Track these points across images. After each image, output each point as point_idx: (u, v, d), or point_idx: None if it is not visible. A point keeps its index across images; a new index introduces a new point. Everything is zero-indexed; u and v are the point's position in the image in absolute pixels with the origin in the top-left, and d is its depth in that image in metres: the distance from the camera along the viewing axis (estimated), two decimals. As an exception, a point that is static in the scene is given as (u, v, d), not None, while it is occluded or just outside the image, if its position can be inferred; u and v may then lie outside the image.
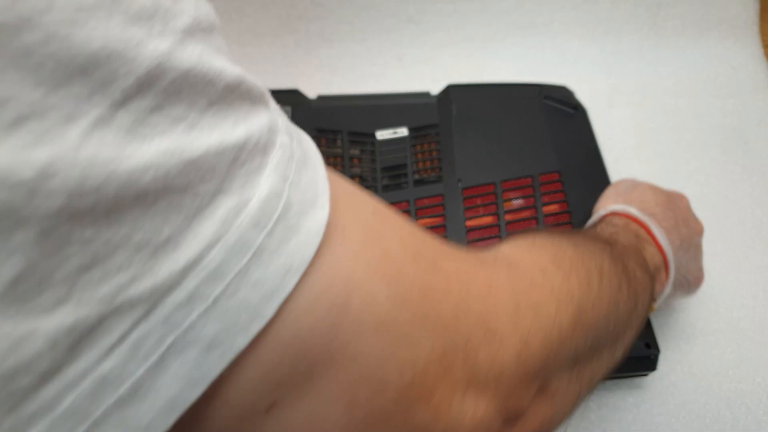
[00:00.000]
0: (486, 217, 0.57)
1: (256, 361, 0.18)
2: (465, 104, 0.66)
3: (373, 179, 0.60)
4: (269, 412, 0.19)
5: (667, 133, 0.75)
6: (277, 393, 0.19)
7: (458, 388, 0.21)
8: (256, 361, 0.18)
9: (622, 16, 0.82)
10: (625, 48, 0.82)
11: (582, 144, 0.64)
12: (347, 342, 0.19)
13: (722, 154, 0.73)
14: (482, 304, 0.23)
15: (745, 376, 0.56)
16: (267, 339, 0.18)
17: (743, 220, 0.66)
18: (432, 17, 0.81)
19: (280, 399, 0.19)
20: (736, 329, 0.58)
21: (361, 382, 0.20)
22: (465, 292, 0.23)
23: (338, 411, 0.19)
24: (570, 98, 0.68)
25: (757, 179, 0.70)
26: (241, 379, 0.18)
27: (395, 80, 0.80)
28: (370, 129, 0.64)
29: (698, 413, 0.53)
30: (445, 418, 0.21)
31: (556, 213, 0.57)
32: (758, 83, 0.80)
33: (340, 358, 0.19)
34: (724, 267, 0.63)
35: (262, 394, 0.19)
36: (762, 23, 0.84)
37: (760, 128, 0.75)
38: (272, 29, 0.80)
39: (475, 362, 0.22)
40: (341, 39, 0.81)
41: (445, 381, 0.21)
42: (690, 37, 0.83)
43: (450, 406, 0.21)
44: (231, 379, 0.18)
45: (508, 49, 0.82)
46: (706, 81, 0.80)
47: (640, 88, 0.79)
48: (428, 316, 0.21)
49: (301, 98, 0.67)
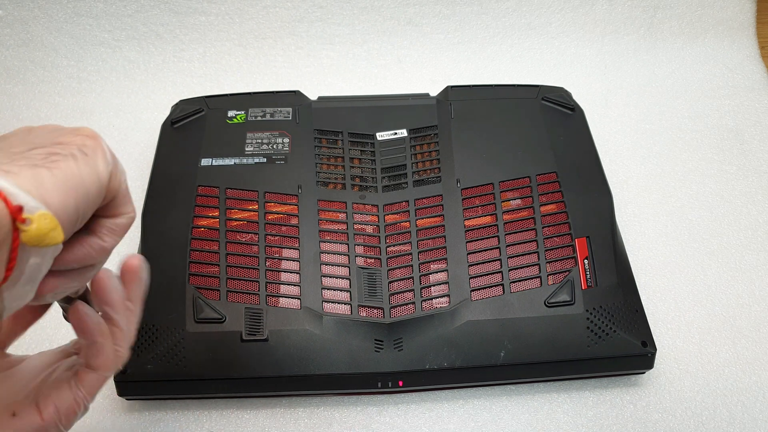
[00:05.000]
0: (484, 217, 0.58)
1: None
2: (464, 105, 0.66)
3: (373, 179, 0.61)
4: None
5: (664, 133, 0.76)
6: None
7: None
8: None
9: (619, 18, 0.83)
10: (622, 49, 0.83)
11: (579, 144, 0.64)
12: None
13: (718, 154, 0.73)
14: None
15: (741, 374, 0.56)
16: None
17: (739, 220, 0.67)
18: (431, 20, 0.82)
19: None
20: (732, 327, 0.59)
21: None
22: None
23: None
24: (567, 99, 0.68)
25: (753, 179, 0.71)
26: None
27: (395, 82, 0.81)
28: (370, 130, 0.65)
29: (695, 411, 0.54)
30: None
31: (553, 213, 0.58)
32: (754, 84, 0.81)
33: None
34: (720, 266, 0.63)
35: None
36: (759, 25, 0.85)
37: (756, 129, 0.76)
38: (274, 31, 0.81)
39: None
40: (342, 41, 0.81)
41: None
42: (686, 39, 0.84)
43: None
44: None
45: (506, 51, 0.83)
46: (702, 82, 0.81)
47: (636, 89, 0.80)
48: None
49: (302, 99, 0.68)
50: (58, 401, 0.34)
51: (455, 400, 0.54)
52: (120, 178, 0.31)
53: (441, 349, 0.51)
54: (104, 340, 0.34)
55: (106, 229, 0.31)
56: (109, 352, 0.34)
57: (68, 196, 0.27)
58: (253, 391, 0.52)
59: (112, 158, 0.30)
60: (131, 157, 0.72)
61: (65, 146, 0.28)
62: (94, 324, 0.34)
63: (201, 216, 0.57)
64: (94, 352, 0.34)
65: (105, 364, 0.34)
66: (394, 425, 0.53)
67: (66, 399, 0.34)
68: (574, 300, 0.53)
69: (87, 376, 0.34)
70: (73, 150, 0.28)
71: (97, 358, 0.34)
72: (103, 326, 0.34)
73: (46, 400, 0.34)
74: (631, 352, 0.52)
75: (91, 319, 0.33)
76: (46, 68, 0.78)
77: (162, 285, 0.53)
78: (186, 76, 0.80)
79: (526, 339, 0.52)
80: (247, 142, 0.63)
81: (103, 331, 0.34)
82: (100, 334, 0.34)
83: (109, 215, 0.31)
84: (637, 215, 0.67)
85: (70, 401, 0.34)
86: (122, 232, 0.32)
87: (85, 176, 0.28)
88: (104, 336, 0.34)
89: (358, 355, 0.51)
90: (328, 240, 0.56)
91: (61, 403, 0.34)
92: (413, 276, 0.55)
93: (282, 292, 0.53)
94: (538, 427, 0.53)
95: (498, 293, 0.53)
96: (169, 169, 0.61)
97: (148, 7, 0.78)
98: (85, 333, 0.34)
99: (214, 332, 0.51)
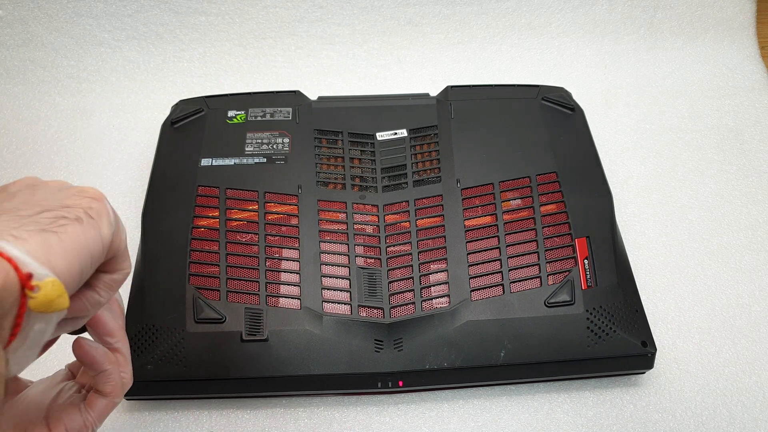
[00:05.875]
0: (484, 217, 0.58)
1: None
2: (464, 105, 0.66)
3: (373, 179, 0.61)
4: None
5: (664, 133, 0.76)
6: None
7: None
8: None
9: (619, 18, 0.83)
10: (622, 49, 0.83)
11: (579, 144, 0.64)
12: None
13: (718, 154, 0.73)
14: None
15: (741, 374, 0.56)
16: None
17: (739, 220, 0.67)
18: (431, 20, 0.82)
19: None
20: (732, 327, 0.59)
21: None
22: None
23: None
24: (567, 99, 0.68)
25: (753, 179, 0.71)
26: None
27: (395, 82, 0.81)
28: (370, 130, 0.65)
29: (695, 410, 0.54)
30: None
31: (553, 213, 0.58)
32: (754, 84, 0.81)
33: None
34: (720, 266, 0.63)
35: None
36: (759, 25, 0.85)
37: (756, 128, 0.76)
38: (274, 31, 0.81)
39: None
40: (342, 41, 0.81)
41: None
42: (686, 39, 0.84)
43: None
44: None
45: (506, 50, 0.83)
46: (702, 82, 0.81)
47: (636, 89, 0.80)
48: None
49: (303, 99, 0.68)
50: (68, 423, 0.35)
51: (455, 400, 0.54)
52: (121, 237, 0.32)
53: (441, 349, 0.51)
54: (112, 366, 0.36)
55: (103, 284, 0.32)
56: (117, 377, 0.36)
57: (74, 260, 0.28)
58: (253, 391, 0.52)
59: (115, 219, 0.31)
60: (131, 157, 0.72)
61: (72, 209, 0.29)
62: (101, 355, 0.35)
63: (201, 216, 0.57)
64: (104, 379, 0.36)
65: (114, 389, 0.36)
66: (394, 425, 0.53)
67: (76, 422, 0.36)
68: (574, 300, 0.53)
69: (96, 402, 0.36)
70: (79, 213, 0.29)
71: (106, 384, 0.36)
72: (108, 354, 0.36)
73: (57, 423, 0.35)
74: (631, 352, 0.52)
75: (96, 351, 0.35)
76: (46, 68, 0.78)
77: (162, 285, 0.53)
78: (186, 76, 0.80)
79: (526, 339, 0.52)
80: (247, 142, 0.63)
81: (110, 359, 0.36)
82: (108, 362, 0.36)
83: (107, 271, 0.32)
84: (637, 215, 0.68)
85: (80, 424, 0.36)
86: (117, 286, 0.33)
87: (90, 240, 0.29)
88: (111, 363, 0.36)
89: (358, 355, 0.51)
90: (328, 240, 0.56)
91: (71, 425, 0.35)
92: (413, 276, 0.55)
93: (282, 292, 0.53)
94: (538, 427, 0.53)
95: (498, 293, 0.53)
96: (169, 169, 0.61)
97: (148, 7, 0.78)
98: (94, 365, 0.35)
99: (214, 332, 0.51)
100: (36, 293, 0.25)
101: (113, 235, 0.30)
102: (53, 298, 0.26)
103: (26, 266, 0.25)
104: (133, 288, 0.54)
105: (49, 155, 0.72)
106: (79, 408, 0.36)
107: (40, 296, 0.25)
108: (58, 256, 0.27)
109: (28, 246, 0.26)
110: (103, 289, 0.32)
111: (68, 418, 0.36)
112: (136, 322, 0.51)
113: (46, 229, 0.27)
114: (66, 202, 0.30)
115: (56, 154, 0.73)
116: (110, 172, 0.71)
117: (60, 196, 0.30)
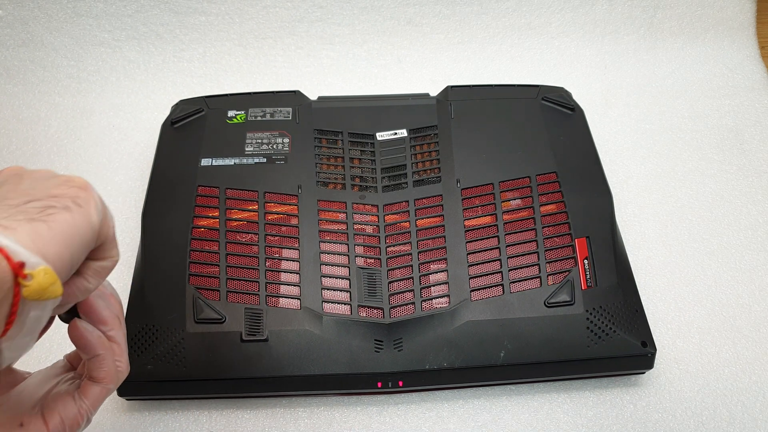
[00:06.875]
0: (484, 217, 0.58)
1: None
2: (464, 105, 0.66)
3: (373, 179, 0.61)
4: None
5: (664, 133, 0.76)
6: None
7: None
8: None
9: (619, 18, 0.83)
10: (622, 49, 0.83)
11: (579, 144, 0.64)
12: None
13: (718, 154, 0.73)
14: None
15: (741, 374, 0.56)
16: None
17: (739, 220, 0.67)
18: (431, 20, 0.82)
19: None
20: (732, 327, 0.59)
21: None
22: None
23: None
24: (567, 99, 0.68)
25: (753, 179, 0.71)
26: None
27: (395, 82, 0.81)
28: (370, 130, 0.65)
29: (695, 411, 0.54)
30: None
31: (553, 213, 0.58)
32: (754, 84, 0.81)
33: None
34: (720, 266, 0.63)
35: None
36: (759, 25, 0.85)
37: (756, 129, 0.76)
38: (274, 31, 0.81)
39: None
40: (342, 41, 0.81)
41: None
42: (686, 39, 0.84)
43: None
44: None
45: (506, 51, 0.83)
46: (702, 82, 0.81)
47: (636, 89, 0.80)
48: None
49: (302, 99, 0.68)
50: (63, 412, 0.35)
51: (455, 400, 0.54)
52: (109, 224, 0.32)
53: (441, 350, 0.51)
54: (105, 351, 0.36)
55: (92, 271, 0.32)
56: (111, 364, 0.36)
57: (65, 248, 0.28)
58: (252, 391, 0.52)
59: (103, 206, 0.31)
60: (131, 157, 0.72)
61: (59, 199, 0.29)
62: (95, 338, 0.35)
63: (201, 216, 0.57)
64: (97, 364, 0.36)
65: (108, 375, 0.36)
66: (394, 425, 0.53)
67: (71, 410, 0.35)
68: (574, 300, 0.53)
69: (90, 389, 0.36)
70: (67, 202, 0.29)
71: (99, 370, 0.36)
72: (102, 339, 0.36)
73: (52, 412, 0.35)
74: (631, 352, 0.52)
75: (91, 334, 0.35)
76: (46, 68, 0.78)
77: (162, 285, 0.53)
78: (186, 76, 0.80)
79: (526, 339, 0.52)
80: (247, 142, 0.63)
81: (103, 344, 0.36)
82: (101, 347, 0.36)
83: (96, 258, 0.32)
84: (637, 215, 0.68)
85: (74, 412, 0.36)
86: (106, 274, 0.33)
87: (79, 227, 0.29)
88: (105, 348, 0.36)
89: (358, 355, 0.51)
90: (328, 240, 0.56)
91: (66, 414, 0.35)
92: (413, 276, 0.55)
93: (282, 292, 0.53)
94: (538, 427, 0.53)
95: (498, 293, 0.53)
96: (169, 169, 0.61)
97: (148, 7, 0.78)
98: (87, 348, 0.35)
99: (214, 332, 0.51)
100: (29, 282, 0.26)
101: (101, 222, 0.31)
102: (46, 286, 0.26)
103: (18, 255, 0.25)
104: (133, 288, 0.54)
105: (49, 155, 0.73)
106: (73, 396, 0.36)
107: (34, 285, 0.26)
108: (48, 244, 0.27)
109: (17, 235, 0.26)
110: (92, 276, 0.32)
111: (62, 406, 0.35)
112: (136, 322, 0.51)
113: (35, 218, 0.27)
114: (53, 192, 0.30)
115: (56, 154, 0.73)
116: (110, 172, 0.71)
117: (47, 185, 0.30)
